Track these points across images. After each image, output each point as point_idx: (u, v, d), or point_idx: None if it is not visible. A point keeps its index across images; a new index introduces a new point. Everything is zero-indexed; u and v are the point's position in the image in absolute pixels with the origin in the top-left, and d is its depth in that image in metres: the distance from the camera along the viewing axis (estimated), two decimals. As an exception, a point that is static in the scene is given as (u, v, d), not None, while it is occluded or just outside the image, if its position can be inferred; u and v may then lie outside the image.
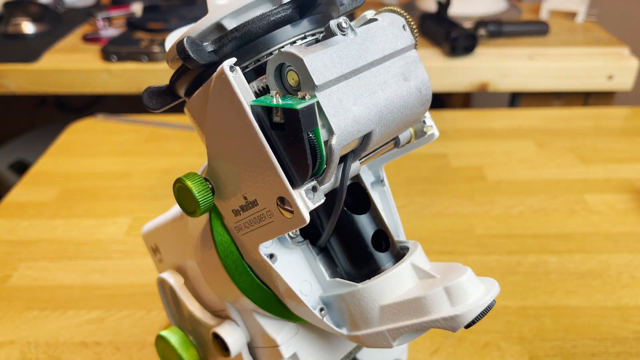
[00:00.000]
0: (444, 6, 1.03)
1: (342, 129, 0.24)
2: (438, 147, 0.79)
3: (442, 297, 0.26)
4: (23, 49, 1.05)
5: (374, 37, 0.26)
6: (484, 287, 0.26)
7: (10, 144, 1.23)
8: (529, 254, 0.58)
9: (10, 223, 0.66)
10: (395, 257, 0.30)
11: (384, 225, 0.31)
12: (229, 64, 0.24)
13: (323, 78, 0.24)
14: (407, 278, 0.28)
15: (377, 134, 0.26)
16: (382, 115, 0.25)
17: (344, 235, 0.30)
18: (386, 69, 0.26)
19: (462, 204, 0.66)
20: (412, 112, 0.27)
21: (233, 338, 0.33)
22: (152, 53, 0.97)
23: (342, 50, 0.25)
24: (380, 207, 0.34)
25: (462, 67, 0.96)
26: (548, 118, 0.86)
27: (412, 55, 0.27)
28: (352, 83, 0.25)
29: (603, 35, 1.06)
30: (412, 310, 0.27)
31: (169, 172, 0.75)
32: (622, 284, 0.54)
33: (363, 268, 0.29)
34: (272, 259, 0.29)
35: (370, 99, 0.25)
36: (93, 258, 0.60)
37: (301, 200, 0.24)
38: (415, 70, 0.27)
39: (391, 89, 0.26)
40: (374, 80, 0.26)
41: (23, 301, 0.54)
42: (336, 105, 0.24)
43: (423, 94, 0.27)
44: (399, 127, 0.27)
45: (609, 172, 0.72)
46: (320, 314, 0.30)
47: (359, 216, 0.30)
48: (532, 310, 0.51)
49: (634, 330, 0.49)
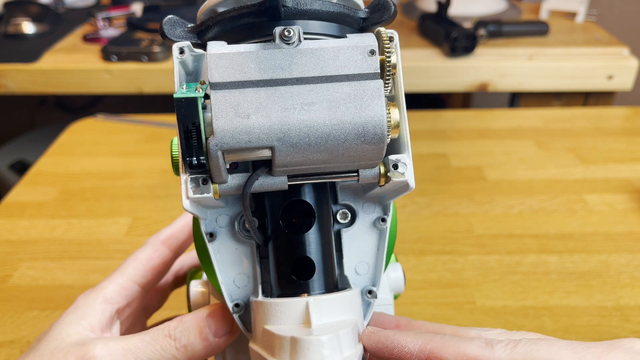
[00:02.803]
0: (444, 6, 1.03)
1: (225, 133, 0.23)
2: (438, 147, 0.79)
3: (286, 345, 0.25)
4: (23, 49, 1.05)
5: (320, 54, 0.24)
6: (337, 359, 0.24)
7: (10, 144, 1.23)
8: (529, 254, 0.58)
9: (10, 223, 0.66)
10: (326, 290, 0.28)
11: (323, 254, 0.28)
12: (179, 45, 0.25)
13: (222, 77, 0.23)
14: (295, 313, 0.26)
15: (283, 154, 0.24)
16: (289, 135, 0.24)
17: (275, 248, 0.29)
18: (319, 91, 0.24)
19: (462, 204, 0.67)
20: (348, 147, 0.24)
21: None
22: (152, 53, 0.97)
23: (264, 57, 0.24)
24: (369, 245, 0.31)
25: (462, 67, 0.96)
26: (548, 118, 0.86)
27: (371, 86, 0.24)
28: (263, 93, 0.24)
29: (603, 35, 1.06)
30: (269, 345, 0.26)
31: (169, 172, 0.75)
32: (622, 284, 0.54)
33: (281, 286, 0.28)
34: (211, 237, 0.29)
35: (279, 114, 0.23)
36: (93, 258, 0.60)
37: (184, 185, 0.25)
38: (366, 103, 0.24)
39: (316, 113, 0.24)
40: (296, 98, 0.24)
41: (23, 301, 0.54)
42: (228, 108, 0.23)
43: (368, 131, 0.24)
44: (329, 157, 0.25)
45: (608, 172, 0.72)
46: (233, 308, 0.29)
47: (291, 235, 0.28)
48: (532, 310, 0.51)
49: (633, 330, 0.49)
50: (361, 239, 0.31)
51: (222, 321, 0.30)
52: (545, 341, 0.24)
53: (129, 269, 0.35)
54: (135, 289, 0.35)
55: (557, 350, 0.24)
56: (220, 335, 0.30)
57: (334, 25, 0.26)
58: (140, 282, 0.35)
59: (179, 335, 0.30)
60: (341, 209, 0.30)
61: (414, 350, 0.26)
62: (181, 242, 0.38)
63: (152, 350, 0.30)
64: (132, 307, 0.36)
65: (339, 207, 0.30)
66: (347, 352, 0.25)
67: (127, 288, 0.35)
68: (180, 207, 0.71)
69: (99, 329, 0.32)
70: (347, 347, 0.25)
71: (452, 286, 0.54)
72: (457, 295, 0.53)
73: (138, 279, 0.35)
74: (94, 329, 0.32)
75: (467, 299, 0.53)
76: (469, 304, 0.52)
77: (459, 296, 0.53)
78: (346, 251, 0.30)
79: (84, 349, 0.30)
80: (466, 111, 0.92)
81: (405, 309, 0.52)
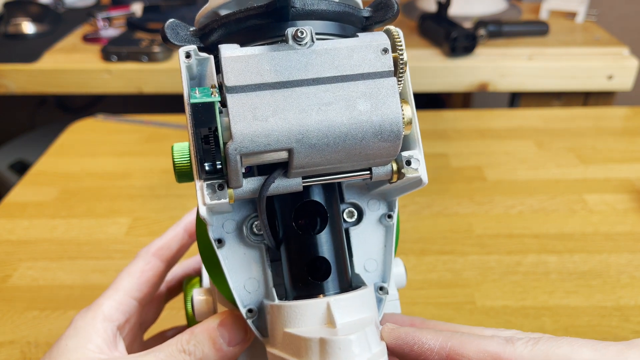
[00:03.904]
0: (444, 6, 1.03)
1: (244, 137, 0.23)
2: (438, 147, 0.79)
3: (314, 347, 0.24)
4: (23, 49, 1.05)
5: (334, 54, 0.24)
6: (367, 357, 0.24)
7: (10, 144, 1.23)
8: (529, 254, 0.58)
9: (10, 223, 0.66)
10: (341, 290, 0.28)
11: (337, 254, 0.28)
12: (185, 49, 0.25)
13: (238, 81, 0.23)
14: (316, 315, 0.26)
15: (301, 155, 0.24)
16: (307, 136, 0.24)
17: (288, 250, 0.29)
18: (336, 91, 0.24)
19: (462, 203, 0.67)
20: (365, 146, 0.24)
21: None
22: (152, 53, 0.97)
23: (280, 59, 0.24)
24: (376, 242, 0.31)
25: (461, 67, 0.96)
26: (548, 118, 0.86)
27: (386, 84, 0.24)
28: (280, 94, 0.23)
29: (603, 35, 1.06)
30: (293, 348, 0.26)
31: (169, 172, 0.75)
32: (622, 284, 0.54)
33: (297, 289, 0.28)
34: (219, 243, 0.29)
35: (298, 116, 0.23)
36: (93, 258, 0.60)
37: (200, 191, 0.25)
38: (381, 101, 0.24)
39: (333, 113, 0.24)
40: (313, 99, 0.24)
41: (23, 301, 0.54)
42: (246, 111, 0.23)
43: (385, 129, 0.24)
44: (346, 157, 0.25)
45: (608, 172, 0.72)
46: (247, 314, 0.29)
47: (305, 236, 0.28)
48: (532, 310, 0.51)
49: (633, 330, 0.49)
50: (368, 237, 0.31)
51: (234, 329, 0.30)
52: (565, 339, 0.25)
53: (123, 283, 0.35)
54: (132, 303, 0.35)
55: (578, 347, 0.24)
56: (234, 343, 0.30)
57: (339, 24, 0.27)
58: (136, 296, 0.35)
59: (193, 349, 0.30)
60: (347, 208, 0.30)
61: (435, 347, 0.26)
62: (173, 252, 0.38)
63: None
64: (131, 323, 0.35)
65: (346, 206, 0.30)
66: (375, 348, 0.25)
67: (124, 303, 0.34)
68: (181, 207, 0.71)
69: (107, 349, 0.32)
70: (374, 344, 0.25)
71: (452, 286, 0.54)
72: (457, 295, 0.53)
73: (134, 294, 0.35)
74: (103, 350, 0.31)
75: (467, 299, 0.53)
76: (469, 304, 0.52)
77: (459, 296, 0.53)
78: (355, 249, 0.31)
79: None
80: (466, 111, 0.92)
81: (405, 309, 0.52)
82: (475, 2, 1.16)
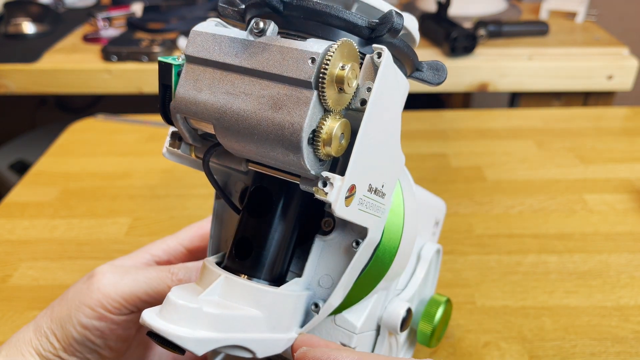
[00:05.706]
0: (444, 6, 1.03)
1: (181, 100, 0.27)
2: (438, 147, 0.79)
3: None
4: (23, 49, 1.05)
5: (275, 52, 0.24)
6: (185, 319, 0.25)
7: (11, 144, 1.23)
8: (529, 254, 0.58)
9: (10, 223, 0.66)
10: (256, 277, 0.29)
11: (267, 243, 0.29)
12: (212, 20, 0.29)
13: (192, 52, 0.27)
14: (208, 281, 0.29)
15: (220, 133, 0.26)
16: (224, 118, 0.26)
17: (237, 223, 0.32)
18: (257, 85, 0.25)
19: (462, 203, 0.67)
20: (273, 147, 0.25)
21: None
22: (153, 53, 0.97)
23: (231, 44, 0.26)
24: (339, 262, 0.30)
25: (461, 67, 0.97)
26: (548, 118, 0.86)
27: (304, 95, 0.24)
28: (218, 74, 0.26)
29: (603, 35, 1.06)
30: None
31: (169, 172, 0.75)
32: (621, 284, 0.54)
33: (227, 257, 0.31)
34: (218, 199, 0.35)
35: (223, 97, 0.26)
36: (93, 258, 0.60)
37: (168, 139, 0.31)
38: (290, 108, 0.24)
39: (248, 105, 0.25)
40: (238, 86, 0.25)
41: (23, 301, 0.54)
42: (190, 80, 0.27)
43: (285, 136, 0.24)
44: (261, 151, 0.25)
45: (608, 172, 0.72)
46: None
47: (244, 214, 0.31)
48: (532, 310, 0.51)
49: (633, 330, 0.49)
50: (333, 253, 0.30)
51: None
52: None
53: (181, 233, 0.41)
54: (179, 249, 0.40)
55: None
56: None
57: (335, 30, 0.26)
58: (186, 245, 0.41)
59: (177, 271, 0.36)
60: (327, 218, 0.30)
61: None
62: None
63: (150, 276, 0.35)
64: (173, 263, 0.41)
65: (327, 216, 0.30)
66: (199, 334, 0.25)
67: (172, 247, 0.40)
68: (181, 207, 0.71)
69: None
70: (201, 329, 0.25)
71: (452, 286, 0.54)
72: (457, 295, 0.53)
73: (185, 242, 0.41)
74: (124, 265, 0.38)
75: (467, 299, 0.53)
76: (469, 304, 0.52)
77: (459, 296, 0.53)
78: (317, 259, 0.30)
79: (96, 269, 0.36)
80: (466, 111, 0.92)
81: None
82: (475, 2, 1.16)
